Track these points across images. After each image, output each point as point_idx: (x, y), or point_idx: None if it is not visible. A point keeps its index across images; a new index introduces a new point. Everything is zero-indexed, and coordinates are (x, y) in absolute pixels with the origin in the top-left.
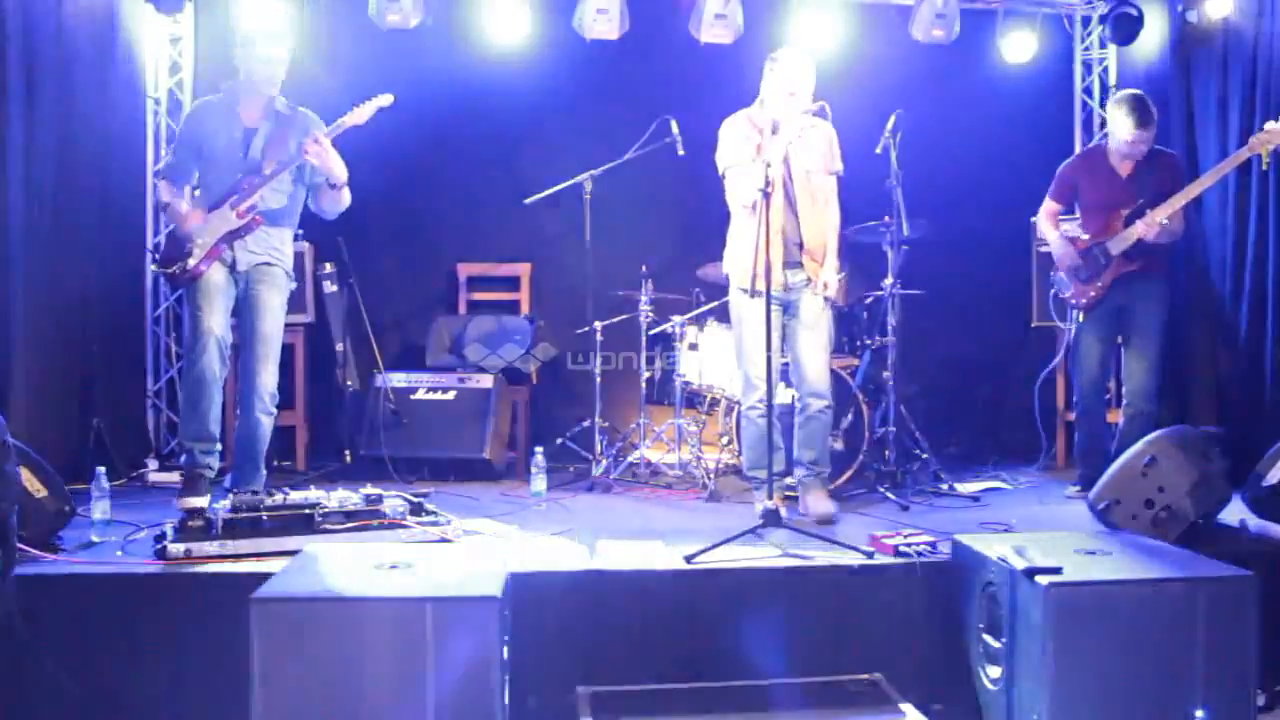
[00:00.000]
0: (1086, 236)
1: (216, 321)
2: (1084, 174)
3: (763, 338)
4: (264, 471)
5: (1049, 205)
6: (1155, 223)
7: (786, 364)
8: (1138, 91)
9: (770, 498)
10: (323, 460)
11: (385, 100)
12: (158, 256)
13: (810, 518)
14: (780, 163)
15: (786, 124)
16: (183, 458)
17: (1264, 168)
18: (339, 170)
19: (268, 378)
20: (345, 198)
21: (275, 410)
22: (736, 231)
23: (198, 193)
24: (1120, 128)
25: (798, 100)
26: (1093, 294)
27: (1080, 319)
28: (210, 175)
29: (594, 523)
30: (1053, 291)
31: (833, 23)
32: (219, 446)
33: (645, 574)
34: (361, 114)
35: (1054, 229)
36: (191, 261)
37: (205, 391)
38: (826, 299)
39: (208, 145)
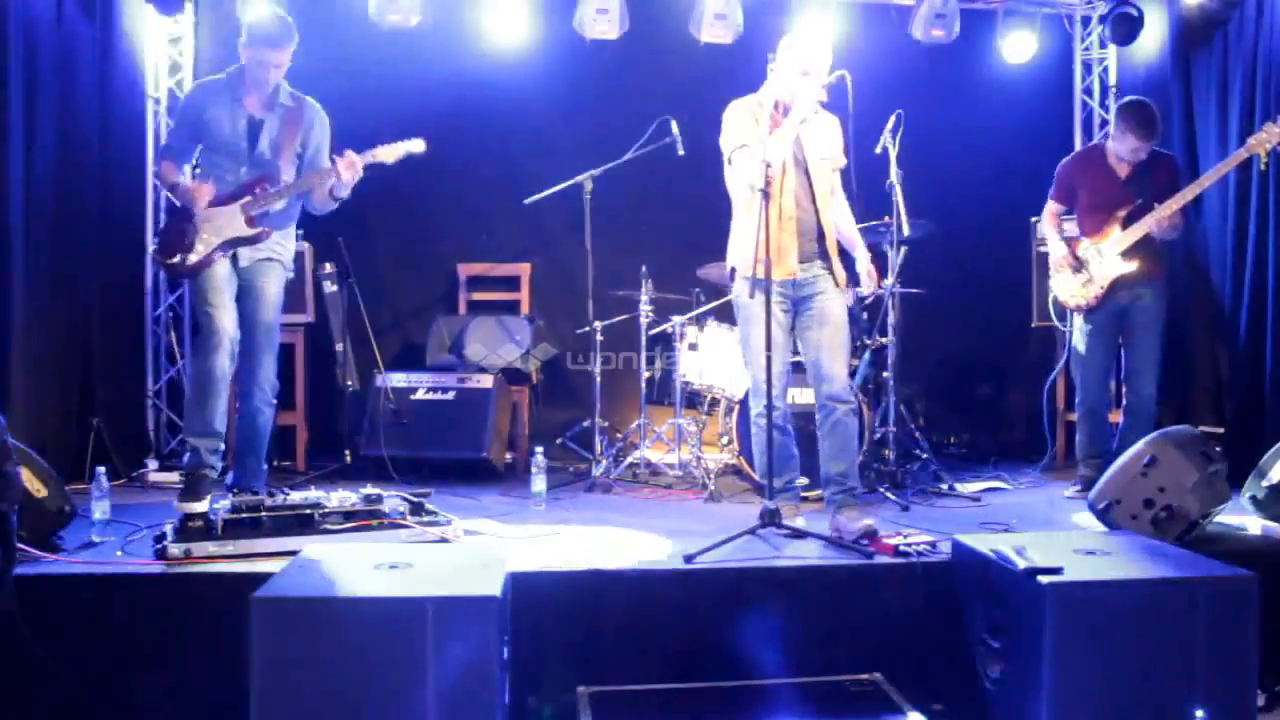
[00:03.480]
0: (1084, 238)
1: (229, 321)
2: (1081, 173)
3: (777, 336)
4: (265, 465)
5: (1052, 206)
6: (1164, 217)
7: (797, 363)
8: (1144, 100)
9: (771, 500)
10: (323, 460)
11: (418, 147)
12: (157, 247)
13: (848, 537)
14: (792, 147)
15: (799, 106)
16: (185, 456)
17: (1263, 168)
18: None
19: (269, 367)
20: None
21: (276, 401)
22: (742, 220)
23: (198, 171)
24: (1123, 135)
25: (811, 79)
26: (1095, 296)
27: (1080, 321)
28: (213, 162)
29: (594, 523)
30: (1052, 295)
31: (833, 23)
32: (224, 445)
33: (645, 574)
34: (392, 153)
35: (1056, 232)
36: (193, 258)
37: (214, 388)
38: (853, 289)
39: (210, 129)
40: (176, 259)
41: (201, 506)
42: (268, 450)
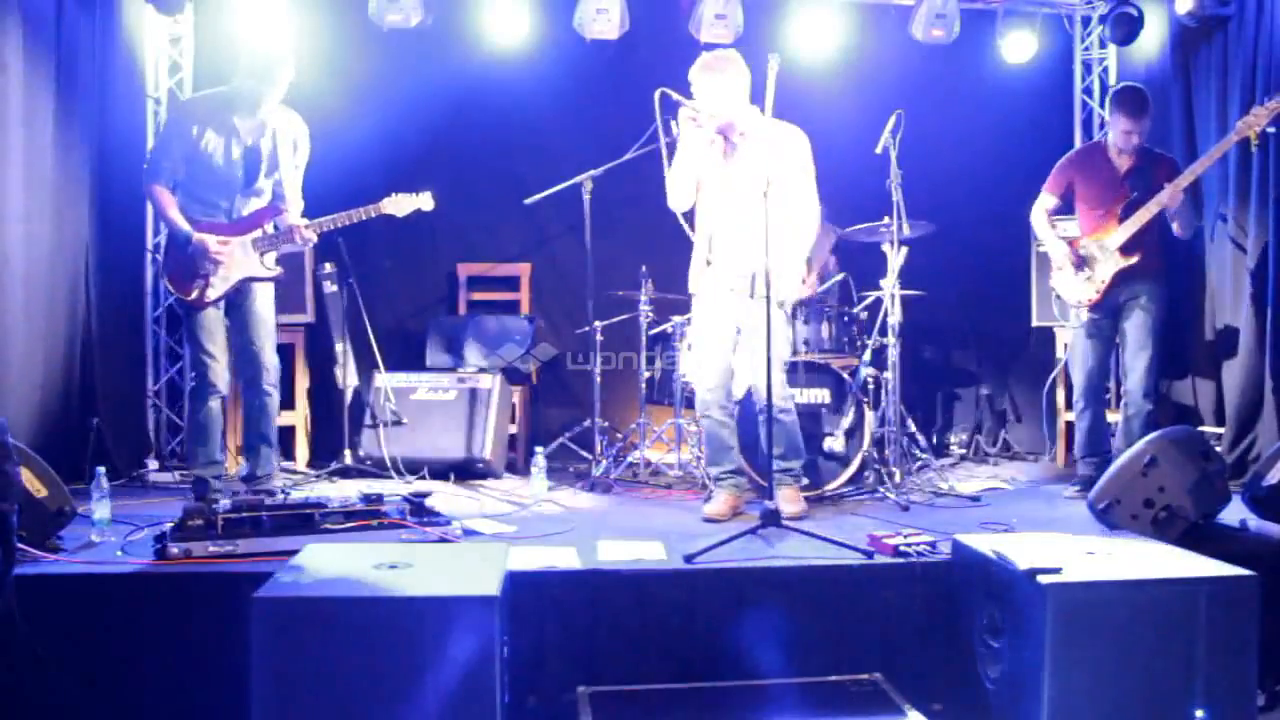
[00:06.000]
0: (1083, 236)
1: (223, 373)
2: (1082, 168)
3: (711, 341)
4: (277, 452)
5: (1044, 200)
6: (1175, 190)
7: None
8: (1133, 84)
9: (771, 500)
10: (323, 460)
11: (427, 205)
12: (168, 274)
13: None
14: (726, 170)
15: (732, 127)
16: (192, 483)
17: (1254, 149)
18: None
19: (269, 355)
20: None
21: (278, 385)
22: None
23: (177, 191)
24: (1115, 119)
25: (707, 102)
26: (1096, 292)
27: (1083, 318)
28: (203, 188)
29: (594, 523)
30: (1055, 294)
31: (833, 23)
32: (223, 471)
33: (645, 574)
34: (400, 207)
35: (1050, 228)
36: (212, 293)
37: (212, 428)
38: (780, 304)
39: (202, 153)
40: (194, 294)
41: None
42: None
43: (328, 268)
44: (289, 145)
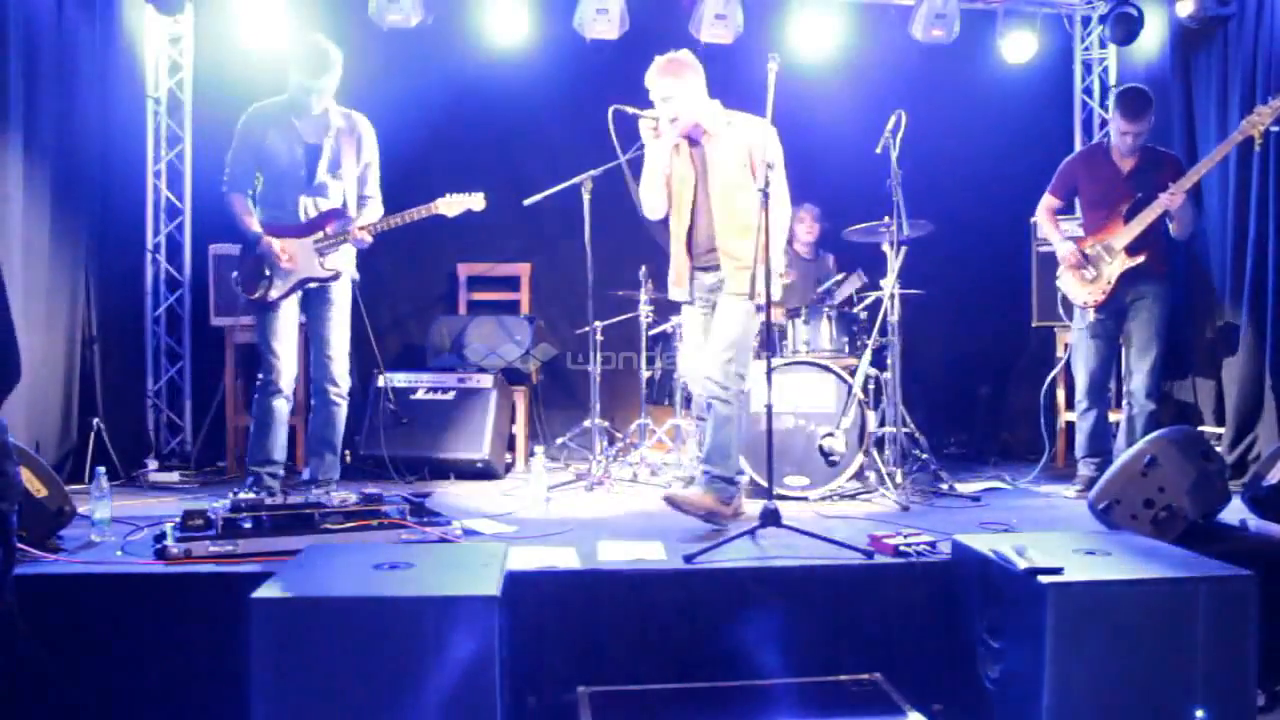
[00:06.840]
0: (1088, 237)
1: (289, 373)
2: (1086, 170)
3: (692, 343)
4: (340, 459)
5: (1048, 201)
6: (1179, 192)
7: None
8: (1135, 86)
9: (771, 500)
10: None
11: (478, 205)
12: (241, 279)
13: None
14: (694, 167)
15: (698, 128)
16: (248, 480)
17: (1256, 149)
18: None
19: (339, 367)
20: None
21: (348, 397)
22: None
23: (253, 196)
24: (1114, 120)
25: (668, 106)
26: (1102, 292)
27: (1090, 318)
28: (273, 191)
29: (594, 523)
30: (1060, 294)
31: (833, 23)
32: (281, 470)
33: (645, 574)
34: (452, 207)
35: (1055, 228)
36: (274, 293)
37: (273, 426)
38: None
39: (268, 156)
40: (258, 294)
41: None
42: (342, 443)
43: None
44: (352, 146)
